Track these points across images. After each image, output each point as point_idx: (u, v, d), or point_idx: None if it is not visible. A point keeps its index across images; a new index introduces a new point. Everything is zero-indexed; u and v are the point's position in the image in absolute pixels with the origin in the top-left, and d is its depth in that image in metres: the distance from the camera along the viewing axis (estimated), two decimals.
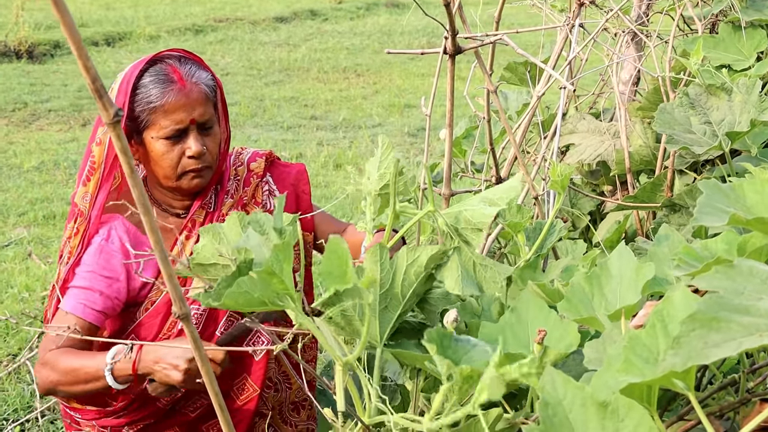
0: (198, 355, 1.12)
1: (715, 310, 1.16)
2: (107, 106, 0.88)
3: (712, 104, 2.42)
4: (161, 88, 2.00)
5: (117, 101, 2.00)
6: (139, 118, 2.02)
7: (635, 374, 1.27)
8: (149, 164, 2.08)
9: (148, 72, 2.02)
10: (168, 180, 2.08)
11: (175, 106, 2.01)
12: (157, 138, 2.02)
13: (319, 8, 16.56)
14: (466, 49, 2.14)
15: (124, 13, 14.94)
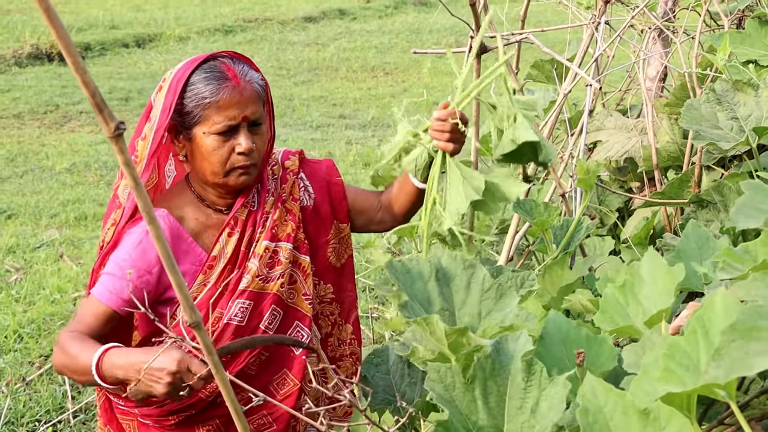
0: (211, 361, 1.13)
1: (755, 318, 1.16)
2: (108, 119, 0.89)
3: (738, 100, 2.42)
4: (216, 84, 2.04)
5: (166, 100, 2.05)
6: (191, 114, 2.05)
7: (675, 383, 1.26)
8: (196, 160, 2.11)
9: (200, 69, 2.07)
10: (216, 176, 2.10)
11: (229, 103, 2.04)
12: (208, 133, 2.05)
13: (347, 7, 16.59)
14: (492, 48, 2.15)
15: (154, 14, 15.04)
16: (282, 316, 2.21)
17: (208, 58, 2.10)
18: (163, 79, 2.12)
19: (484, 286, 1.66)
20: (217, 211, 2.19)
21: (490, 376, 1.46)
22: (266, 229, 2.18)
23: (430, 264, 1.68)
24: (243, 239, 2.16)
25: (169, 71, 2.13)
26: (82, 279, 5.05)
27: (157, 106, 2.08)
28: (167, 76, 2.10)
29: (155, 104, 2.09)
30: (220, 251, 2.14)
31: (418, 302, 1.65)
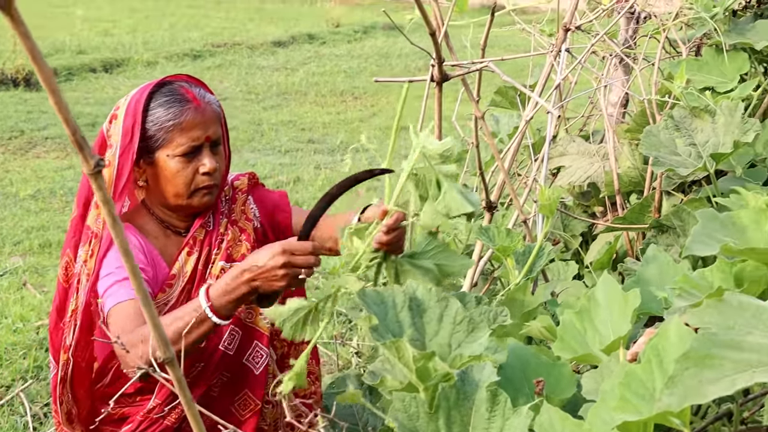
0: (184, 399, 1.12)
1: (708, 347, 1.17)
2: (88, 157, 0.89)
3: (696, 126, 2.44)
4: (179, 107, 2.07)
5: (125, 124, 2.06)
6: (154, 137, 2.08)
7: (631, 412, 1.28)
8: (159, 184, 2.13)
9: (159, 93, 2.10)
10: (179, 198, 2.13)
11: (192, 124, 2.08)
12: (172, 156, 2.08)
13: (316, 32, 16.63)
14: (453, 77, 2.17)
15: (122, 39, 14.99)
16: (240, 335, 2.23)
17: (164, 82, 2.13)
18: (116, 107, 2.13)
19: (456, 319, 1.67)
20: (176, 232, 2.22)
21: (454, 405, 1.46)
22: (221, 250, 2.21)
23: (404, 294, 1.68)
24: (201, 259, 2.19)
25: (121, 99, 2.14)
26: (45, 307, 4.99)
27: (116, 132, 2.08)
28: (121, 104, 2.12)
29: (112, 132, 2.08)
30: (179, 270, 2.16)
31: (389, 331, 1.65)
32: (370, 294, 1.63)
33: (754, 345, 1.18)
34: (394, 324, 1.63)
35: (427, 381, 1.48)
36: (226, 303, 1.91)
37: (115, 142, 2.07)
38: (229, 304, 1.91)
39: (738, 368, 1.15)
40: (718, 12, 2.60)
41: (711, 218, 1.56)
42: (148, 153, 2.10)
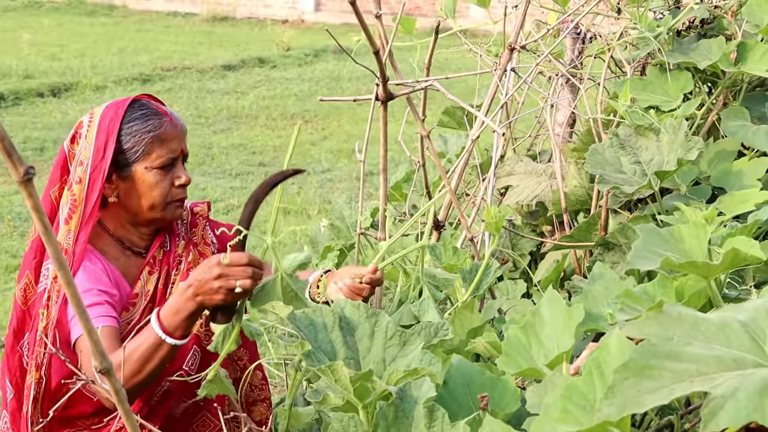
0: (122, 410, 1.11)
1: (647, 357, 1.18)
2: (17, 164, 0.88)
3: (641, 144, 2.47)
4: (156, 120, 2.11)
5: (98, 141, 2.07)
6: (131, 150, 2.09)
7: (572, 423, 1.28)
8: (132, 198, 2.14)
9: (132, 108, 2.12)
10: (154, 210, 2.14)
11: (171, 136, 2.13)
12: (151, 168, 2.10)
13: (267, 55, 16.60)
14: (398, 95, 2.17)
15: (70, 63, 14.85)
16: (200, 356, 2.22)
17: (133, 100, 2.15)
18: (78, 125, 2.14)
19: (387, 334, 1.67)
20: (135, 253, 2.21)
21: (392, 423, 1.46)
22: (181, 272, 2.22)
23: (333, 314, 1.67)
24: (161, 278, 2.20)
25: (84, 117, 2.15)
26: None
27: (85, 149, 2.08)
28: (84, 121, 2.13)
29: (77, 150, 2.07)
30: (141, 289, 2.17)
31: (323, 352, 1.64)
32: (299, 317, 1.63)
33: (693, 355, 1.19)
34: (326, 344, 1.63)
35: (366, 399, 1.48)
36: (178, 322, 1.90)
37: (85, 158, 2.07)
38: (182, 322, 1.90)
39: (676, 378, 1.16)
40: (662, 32, 2.64)
41: (652, 233, 1.57)
42: (122, 168, 2.11)
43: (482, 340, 1.84)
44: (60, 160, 2.14)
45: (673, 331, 1.24)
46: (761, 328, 1.20)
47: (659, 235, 1.58)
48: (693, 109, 2.56)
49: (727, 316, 1.24)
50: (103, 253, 2.17)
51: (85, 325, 1.01)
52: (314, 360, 1.57)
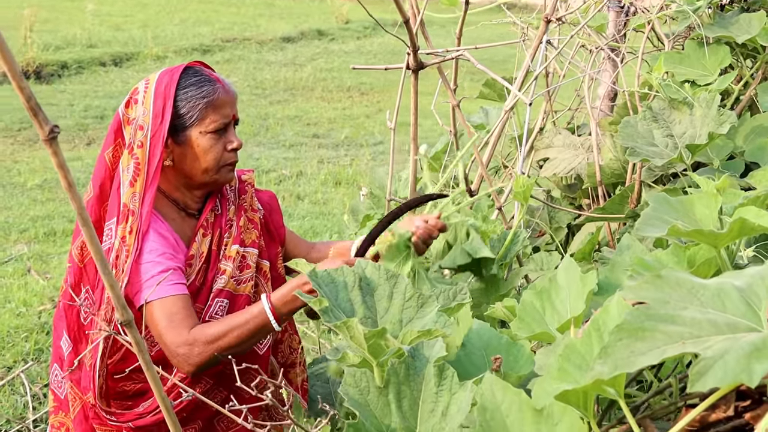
0: (142, 360, 1.18)
1: (642, 320, 1.22)
2: (42, 123, 0.95)
3: (674, 118, 2.48)
4: (210, 86, 2.18)
5: (156, 106, 2.14)
6: (186, 115, 2.17)
7: (569, 381, 1.33)
8: (187, 162, 2.21)
9: (186, 75, 2.19)
10: (207, 173, 2.22)
11: (224, 102, 2.20)
12: (205, 132, 2.18)
13: (326, 28, 16.68)
14: (429, 65, 2.21)
15: (133, 34, 15.07)
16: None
17: (185, 67, 2.22)
18: (134, 91, 2.22)
19: (405, 296, 1.72)
20: (189, 215, 2.29)
21: (404, 380, 1.51)
22: (233, 235, 2.30)
23: (354, 274, 1.72)
24: (214, 240, 2.27)
25: (139, 84, 2.22)
26: (48, 293, 5.07)
27: (144, 113, 2.16)
28: (140, 88, 2.20)
29: (135, 116, 2.17)
30: (196, 250, 2.24)
31: (342, 310, 1.70)
32: (321, 275, 1.68)
33: (687, 319, 1.22)
34: (345, 303, 1.68)
35: (380, 357, 1.53)
36: (287, 311, 2.05)
37: (145, 123, 2.15)
38: (289, 312, 2.06)
39: (669, 340, 1.19)
40: (702, 5, 2.63)
41: (663, 202, 1.59)
42: (178, 132, 2.18)
43: (501, 305, 1.87)
44: (115, 124, 2.21)
45: (670, 296, 1.27)
46: (756, 294, 1.22)
47: (670, 204, 1.60)
48: (728, 83, 2.55)
49: (724, 282, 1.27)
50: (163, 216, 2.25)
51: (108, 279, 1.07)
52: (332, 317, 1.62)
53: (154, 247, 2.15)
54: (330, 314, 1.63)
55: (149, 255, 2.14)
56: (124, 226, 2.15)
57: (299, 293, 1.66)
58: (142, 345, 1.18)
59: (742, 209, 1.51)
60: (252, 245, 2.33)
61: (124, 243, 2.14)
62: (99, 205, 2.22)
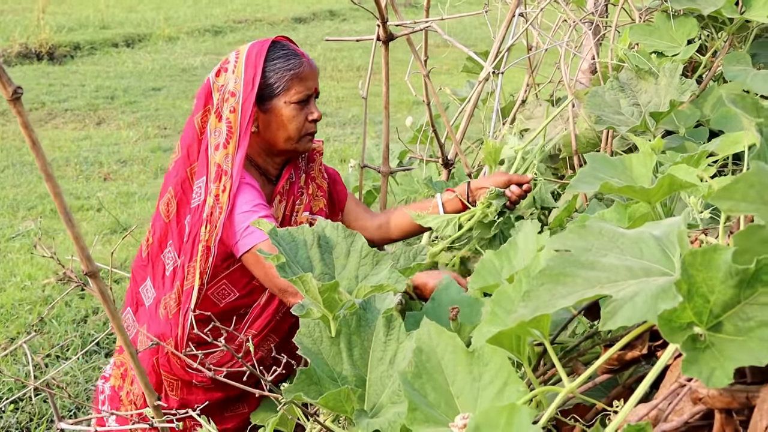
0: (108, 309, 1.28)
1: (563, 266, 1.31)
2: (6, 84, 1.05)
3: (641, 87, 2.56)
4: (296, 60, 2.34)
5: (247, 74, 2.31)
6: (274, 85, 2.33)
7: (498, 324, 1.43)
8: (271, 129, 2.36)
9: (274, 48, 2.35)
10: (289, 142, 2.37)
11: (308, 75, 2.35)
12: (289, 102, 2.33)
13: (338, 8, 16.74)
14: (399, 36, 2.29)
15: (146, 15, 15.18)
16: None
17: (274, 41, 2.39)
18: (225, 60, 2.38)
19: (362, 254, 1.81)
20: (268, 180, 2.46)
21: (355, 331, 1.60)
22: (304, 202, 2.47)
23: (314, 233, 1.82)
24: (288, 206, 2.44)
25: (231, 54, 2.39)
26: (52, 266, 5.20)
27: (236, 81, 2.32)
28: (231, 58, 2.37)
29: (225, 82, 2.32)
30: (274, 213, 2.40)
31: (301, 267, 1.79)
32: (281, 233, 1.77)
33: (607, 265, 1.30)
34: (305, 260, 1.77)
35: (335, 310, 1.62)
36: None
37: (237, 90, 2.30)
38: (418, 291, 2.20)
39: (587, 285, 1.28)
40: None
41: (600, 160, 1.68)
42: (265, 101, 2.33)
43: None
44: (205, 91, 2.37)
45: (592, 244, 1.35)
46: (671, 241, 1.30)
47: (608, 162, 1.68)
48: (691, 53, 2.62)
49: (644, 231, 1.35)
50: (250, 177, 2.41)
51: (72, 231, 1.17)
52: (288, 272, 1.71)
53: (248, 198, 2.30)
54: (286, 270, 1.72)
55: (246, 205, 2.29)
56: (218, 185, 2.29)
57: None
58: (108, 294, 1.28)
59: (673, 167, 1.60)
60: (320, 212, 2.49)
61: (218, 201, 2.29)
62: (186, 165, 2.39)
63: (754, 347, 1.01)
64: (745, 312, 1.04)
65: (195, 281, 2.31)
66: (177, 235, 2.39)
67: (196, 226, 2.31)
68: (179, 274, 2.35)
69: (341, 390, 1.45)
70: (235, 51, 2.39)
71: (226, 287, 2.36)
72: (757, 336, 1.02)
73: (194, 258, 2.31)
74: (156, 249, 2.44)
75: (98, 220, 6.09)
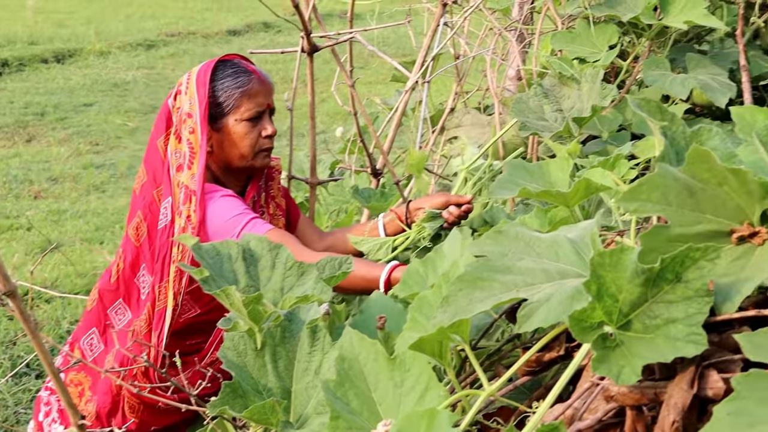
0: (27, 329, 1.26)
1: (481, 271, 1.33)
2: None
3: (564, 93, 2.60)
4: (245, 77, 2.35)
5: (199, 94, 2.31)
6: (223, 104, 2.33)
7: (419, 330, 1.44)
8: (225, 148, 2.36)
9: (223, 66, 2.36)
10: (244, 159, 2.36)
11: (258, 91, 2.35)
12: (240, 120, 2.33)
13: (272, 20, 16.66)
14: (323, 47, 2.30)
15: (76, 30, 14.98)
16: None
17: (223, 59, 2.40)
18: (179, 83, 2.38)
19: (287, 266, 1.81)
20: None
21: (280, 342, 1.60)
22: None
23: (238, 246, 1.81)
24: None
25: (184, 77, 2.39)
26: None
27: (190, 102, 2.33)
28: (183, 80, 2.37)
29: (183, 103, 2.33)
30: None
31: (226, 281, 1.78)
32: (206, 248, 1.77)
33: (523, 269, 1.33)
34: (229, 274, 1.77)
35: (260, 322, 1.62)
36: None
37: (193, 111, 2.31)
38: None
39: (504, 288, 1.30)
40: None
41: (519, 167, 1.71)
42: (216, 120, 2.33)
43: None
44: (165, 114, 2.37)
45: (509, 248, 1.37)
46: (586, 244, 1.33)
47: (526, 169, 1.71)
48: (612, 59, 2.67)
49: (559, 235, 1.38)
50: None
51: None
52: (212, 286, 1.71)
53: (233, 205, 2.29)
54: (211, 284, 1.72)
55: (233, 210, 2.27)
56: (188, 206, 2.29)
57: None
58: (27, 314, 1.26)
59: (589, 171, 1.63)
60: None
61: (189, 221, 2.28)
62: (152, 188, 2.38)
63: (660, 344, 1.04)
64: (651, 310, 1.06)
65: (168, 302, 2.30)
66: (150, 258, 2.38)
67: (165, 246, 2.32)
68: (150, 295, 2.34)
69: (266, 402, 1.45)
70: (188, 72, 2.41)
71: (187, 303, 2.35)
72: (663, 333, 1.04)
73: (165, 279, 2.31)
74: (128, 273, 2.42)
75: (28, 239, 5.98)
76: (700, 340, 1.01)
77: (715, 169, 1.10)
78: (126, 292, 2.44)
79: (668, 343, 1.03)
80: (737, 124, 1.29)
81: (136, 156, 8.10)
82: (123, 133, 9.05)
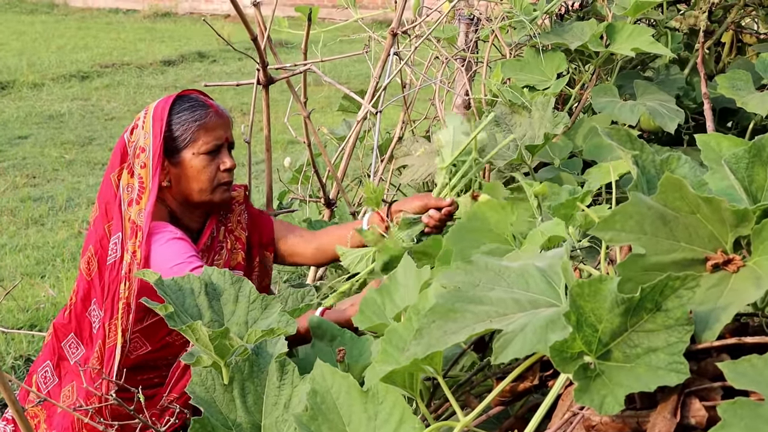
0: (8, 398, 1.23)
1: (452, 302, 1.33)
2: None
3: (515, 121, 2.63)
4: (202, 111, 2.35)
5: (155, 128, 2.31)
6: (180, 138, 2.33)
7: (391, 363, 1.44)
8: (182, 182, 2.36)
9: (180, 100, 2.38)
10: (203, 193, 2.36)
11: (216, 125, 2.36)
12: (197, 154, 2.33)
13: (207, 50, 16.59)
14: (279, 79, 2.30)
15: (8, 62, 14.73)
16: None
17: (182, 94, 2.42)
18: (136, 118, 2.40)
19: (250, 299, 1.80)
20: (190, 237, 2.41)
21: (248, 377, 1.59)
22: (223, 258, 2.45)
23: (200, 281, 1.80)
24: (208, 263, 2.41)
25: (141, 112, 2.41)
26: None
27: (145, 136, 2.32)
28: (141, 115, 2.38)
29: (136, 138, 2.32)
30: None
31: (190, 316, 1.77)
32: (168, 283, 1.75)
33: (494, 299, 1.33)
34: (193, 308, 1.75)
35: (227, 357, 1.60)
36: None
37: (147, 145, 2.30)
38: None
39: (477, 319, 1.30)
40: (537, 15, 2.79)
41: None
42: (173, 154, 2.33)
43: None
44: (120, 148, 2.36)
45: (479, 279, 1.38)
46: (556, 272, 1.34)
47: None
48: (562, 87, 2.71)
49: (528, 264, 1.39)
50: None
51: None
52: (177, 321, 1.69)
53: (179, 250, 2.26)
54: (175, 319, 1.70)
55: (177, 258, 2.25)
56: (134, 241, 2.27)
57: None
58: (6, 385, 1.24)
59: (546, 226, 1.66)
60: (238, 267, 2.46)
61: (134, 257, 2.26)
62: (104, 222, 2.37)
63: (642, 373, 1.05)
64: (632, 339, 1.08)
65: (118, 339, 2.29)
66: (100, 293, 2.37)
67: (114, 282, 2.30)
68: (100, 332, 2.33)
69: None
70: (146, 107, 2.41)
71: (138, 340, 2.34)
72: (644, 362, 1.06)
73: (114, 316, 2.30)
74: (80, 307, 2.41)
75: None
76: (682, 369, 1.03)
77: (688, 197, 1.12)
78: (78, 326, 2.42)
79: (650, 372, 1.05)
80: (702, 151, 1.32)
81: (75, 188, 7.99)
82: (60, 166, 8.89)
